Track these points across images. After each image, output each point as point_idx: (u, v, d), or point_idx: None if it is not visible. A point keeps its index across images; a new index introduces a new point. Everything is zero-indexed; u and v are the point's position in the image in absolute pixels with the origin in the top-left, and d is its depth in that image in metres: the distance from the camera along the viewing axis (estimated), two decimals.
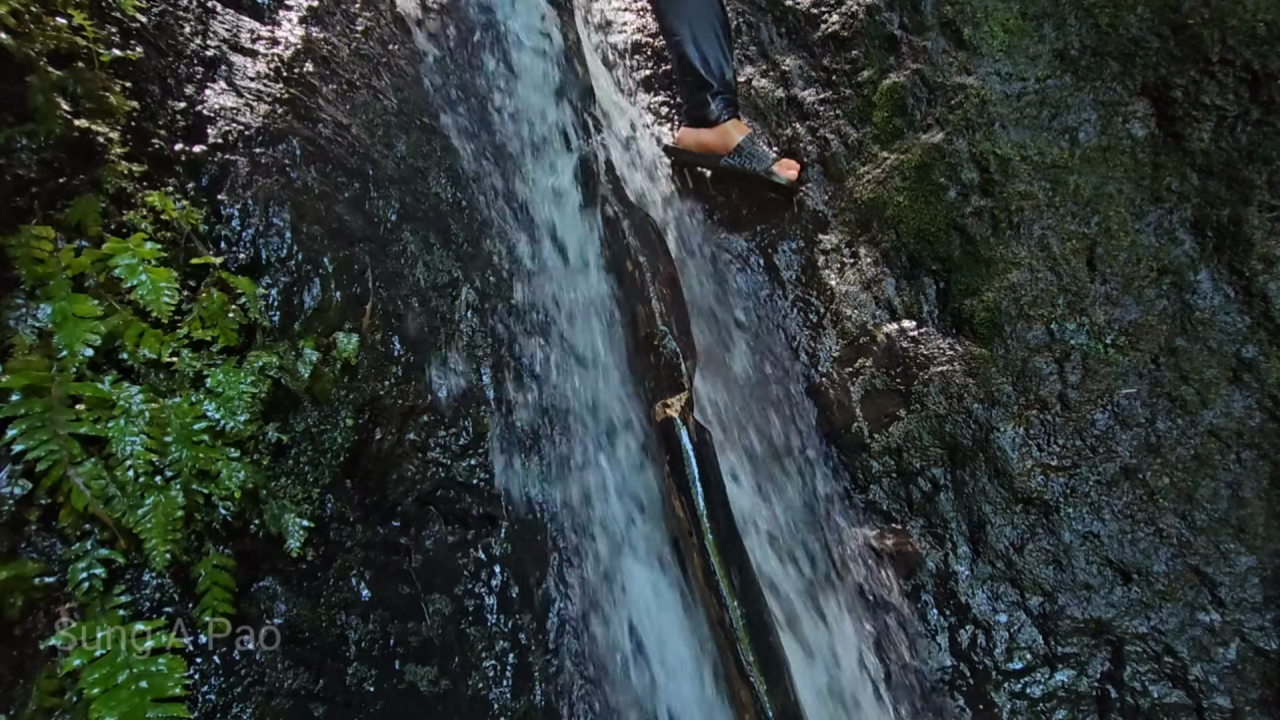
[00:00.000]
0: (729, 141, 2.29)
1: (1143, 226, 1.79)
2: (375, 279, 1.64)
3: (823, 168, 2.29)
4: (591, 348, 1.93)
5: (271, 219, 1.50)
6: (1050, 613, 1.69)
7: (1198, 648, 1.61)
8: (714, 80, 2.32)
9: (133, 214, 1.35)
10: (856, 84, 2.24)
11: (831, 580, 1.82)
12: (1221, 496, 1.64)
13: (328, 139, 1.74)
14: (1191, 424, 1.69)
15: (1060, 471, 1.73)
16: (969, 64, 2.00)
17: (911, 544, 1.84)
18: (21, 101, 1.26)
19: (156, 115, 1.50)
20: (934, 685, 1.72)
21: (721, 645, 1.51)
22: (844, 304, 2.11)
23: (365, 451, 1.52)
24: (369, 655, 1.39)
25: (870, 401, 1.98)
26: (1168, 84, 1.79)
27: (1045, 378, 1.78)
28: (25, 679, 1.12)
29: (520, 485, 1.68)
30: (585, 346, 1.93)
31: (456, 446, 1.64)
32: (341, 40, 2.03)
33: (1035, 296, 1.82)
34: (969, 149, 1.95)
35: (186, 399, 1.27)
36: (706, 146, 2.34)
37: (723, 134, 2.30)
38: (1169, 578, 1.65)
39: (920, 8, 2.13)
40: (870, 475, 1.92)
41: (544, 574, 1.63)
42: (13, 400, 1.13)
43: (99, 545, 1.18)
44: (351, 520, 1.46)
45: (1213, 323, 1.70)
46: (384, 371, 1.59)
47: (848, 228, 2.18)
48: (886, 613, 1.80)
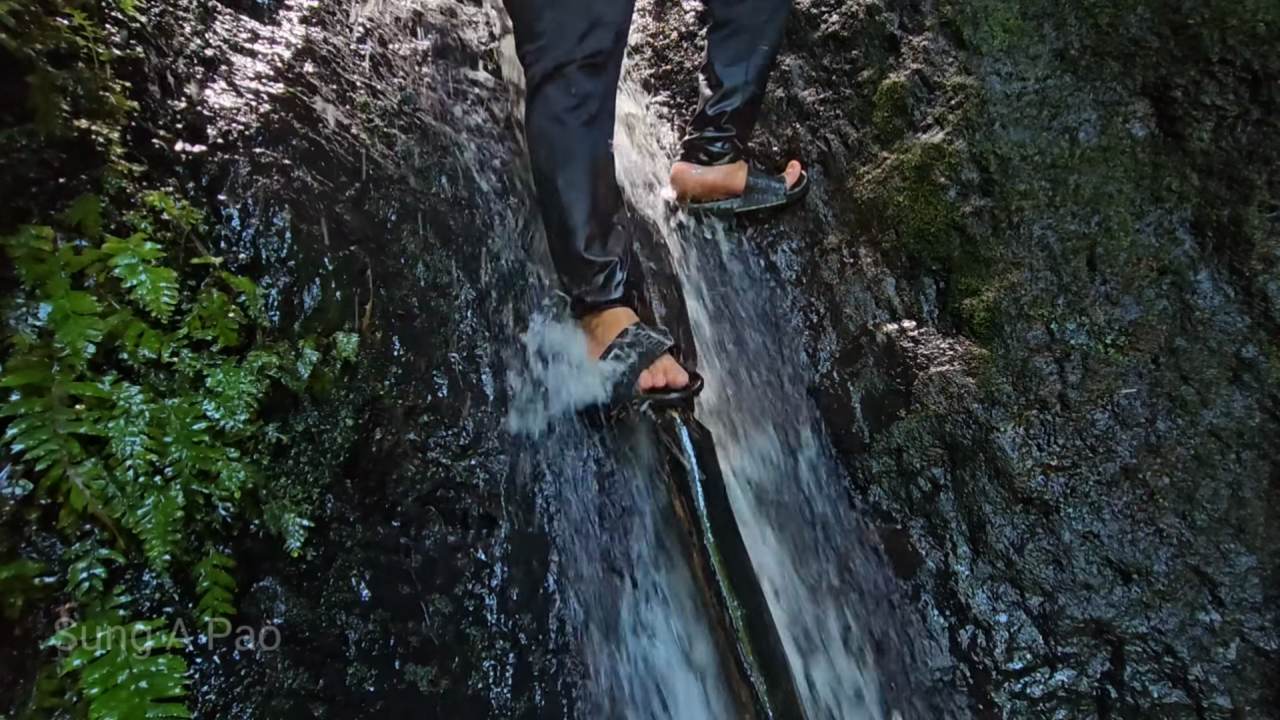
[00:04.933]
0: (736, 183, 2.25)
1: (1143, 226, 1.79)
2: (375, 279, 1.64)
3: (823, 168, 2.29)
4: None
5: (271, 219, 1.50)
6: (1050, 613, 1.69)
7: (1198, 648, 1.61)
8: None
9: (133, 214, 1.35)
10: (856, 84, 2.24)
11: (831, 580, 1.82)
12: (1221, 496, 1.64)
13: (328, 139, 1.74)
14: (1191, 424, 1.69)
15: (1060, 471, 1.73)
16: (969, 64, 2.00)
17: (911, 544, 1.84)
18: (21, 101, 1.26)
19: (156, 115, 1.50)
20: (934, 685, 1.72)
21: (721, 645, 1.51)
22: (844, 304, 2.11)
23: (365, 451, 1.52)
24: (369, 655, 1.39)
25: (870, 401, 1.98)
26: (1168, 84, 1.79)
27: (1045, 378, 1.78)
28: (25, 679, 1.12)
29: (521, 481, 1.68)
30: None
31: (456, 446, 1.64)
32: (342, 40, 2.03)
33: (1035, 296, 1.82)
34: (969, 149, 1.95)
35: (186, 399, 1.27)
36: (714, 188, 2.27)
37: (729, 174, 2.24)
38: (1169, 578, 1.65)
39: (920, 8, 2.13)
40: (870, 475, 1.92)
41: (544, 573, 1.63)
42: (13, 400, 1.13)
43: (99, 545, 1.18)
44: (351, 520, 1.46)
45: (1213, 323, 1.70)
46: (384, 371, 1.59)
47: (848, 228, 2.18)
48: (886, 612, 1.80)
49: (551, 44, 1.68)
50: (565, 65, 1.67)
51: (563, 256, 1.82)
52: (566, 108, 1.71)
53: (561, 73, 1.68)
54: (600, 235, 1.77)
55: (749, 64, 2.13)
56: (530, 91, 1.76)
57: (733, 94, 2.15)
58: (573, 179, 1.74)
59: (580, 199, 1.74)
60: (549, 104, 1.72)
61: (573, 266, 1.79)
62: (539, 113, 1.74)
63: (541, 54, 1.70)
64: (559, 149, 1.74)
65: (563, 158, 1.74)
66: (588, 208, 1.75)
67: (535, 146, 1.78)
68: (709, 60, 2.19)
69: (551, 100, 1.71)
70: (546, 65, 1.69)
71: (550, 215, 1.81)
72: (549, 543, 1.66)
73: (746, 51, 2.12)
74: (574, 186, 1.74)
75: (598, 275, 1.77)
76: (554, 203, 1.77)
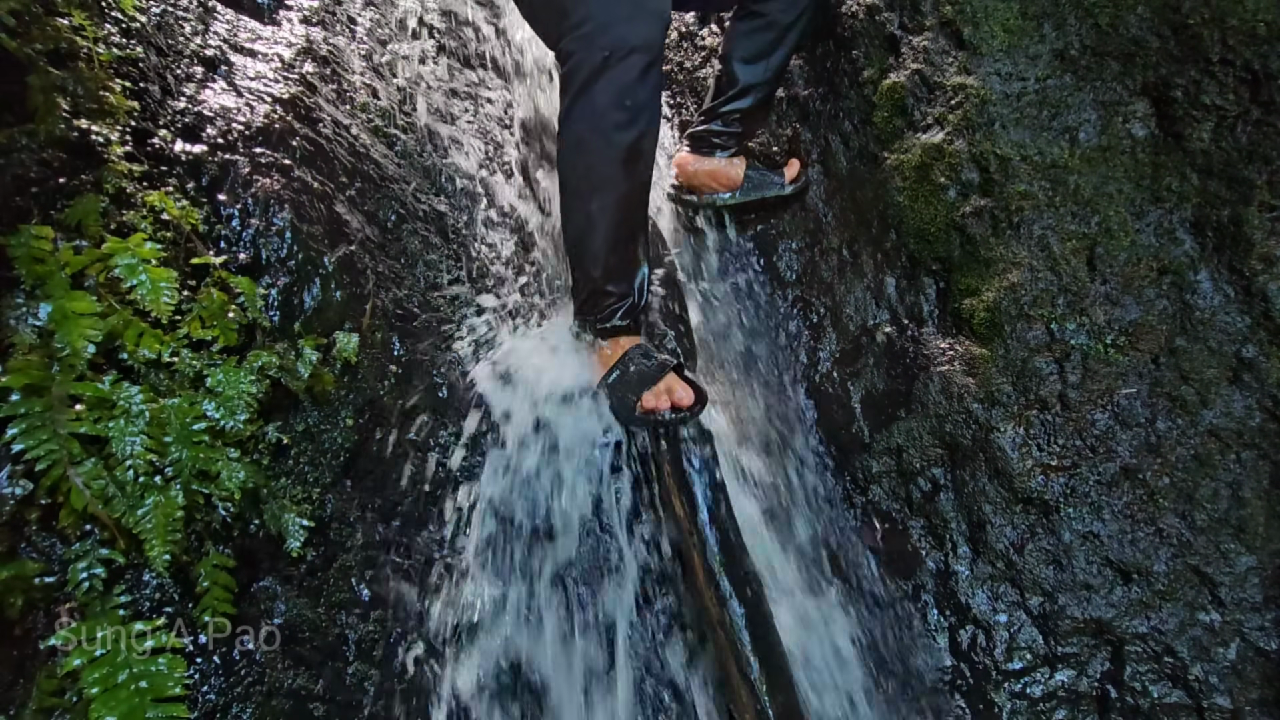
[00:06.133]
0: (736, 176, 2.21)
1: (1143, 226, 1.79)
2: (375, 279, 1.64)
3: (823, 168, 2.29)
4: None
5: (271, 219, 1.50)
6: (1050, 613, 1.69)
7: (1198, 648, 1.61)
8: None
9: (133, 214, 1.35)
10: (856, 84, 2.24)
11: (832, 580, 1.82)
12: (1221, 496, 1.64)
13: (328, 139, 1.74)
14: (1191, 424, 1.69)
15: (1060, 471, 1.73)
16: (969, 64, 2.00)
17: (911, 544, 1.84)
18: (21, 101, 1.26)
19: (156, 115, 1.50)
20: (934, 685, 1.72)
21: (721, 645, 1.51)
22: (844, 304, 2.11)
23: (365, 451, 1.52)
24: (369, 655, 1.39)
25: (870, 401, 1.98)
26: (1168, 84, 1.79)
27: (1045, 378, 1.78)
28: (25, 679, 1.12)
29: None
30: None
31: (457, 446, 1.64)
32: (342, 40, 2.03)
33: (1035, 296, 1.82)
34: (969, 149, 1.95)
35: (186, 399, 1.27)
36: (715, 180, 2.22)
37: (730, 167, 2.20)
38: (1169, 578, 1.65)
39: (920, 8, 2.13)
40: (870, 475, 1.92)
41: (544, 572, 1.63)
42: (13, 400, 1.13)
43: (99, 545, 1.18)
44: (351, 520, 1.46)
45: (1213, 323, 1.70)
46: (384, 371, 1.59)
47: (848, 228, 2.18)
48: (886, 612, 1.80)
49: (599, 29, 1.45)
50: (616, 55, 1.44)
51: (579, 279, 1.71)
52: (617, 123, 1.50)
53: (611, 67, 1.45)
54: (622, 268, 1.67)
55: (769, 62, 2.04)
56: (573, 90, 1.52)
57: (747, 93, 2.07)
58: (606, 205, 1.58)
59: (609, 229, 1.61)
60: (595, 110, 1.50)
61: (588, 293, 1.70)
62: (582, 118, 1.52)
63: (587, 42, 1.46)
64: (598, 170, 1.55)
65: (600, 181, 1.56)
66: (614, 238, 1.62)
67: (571, 156, 1.58)
68: (727, 53, 2.07)
69: (599, 107, 1.49)
70: (593, 57, 1.46)
71: (572, 232, 1.66)
72: (549, 542, 1.66)
73: (770, 48, 2.02)
74: (606, 213, 1.59)
75: (613, 306, 1.69)
76: (579, 223, 1.63)
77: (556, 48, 1.58)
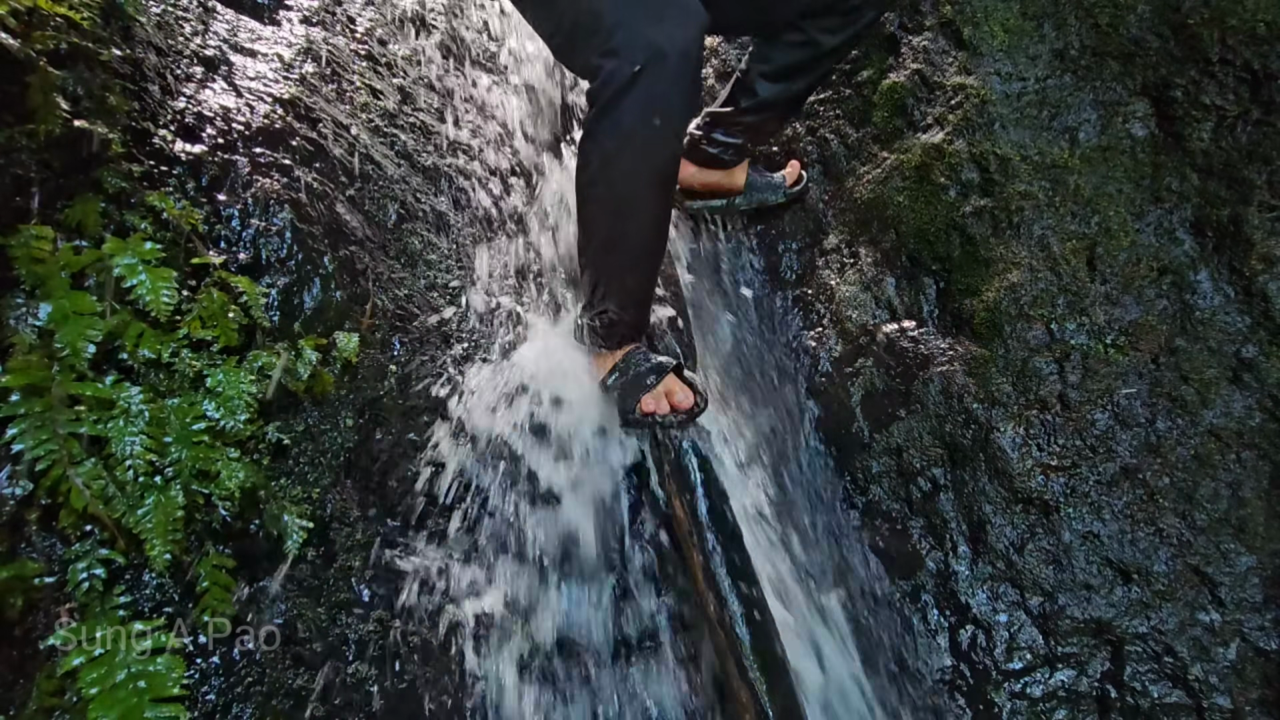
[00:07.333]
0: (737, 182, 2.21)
1: (1143, 226, 1.79)
2: (375, 279, 1.64)
3: (823, 168, 2.29)
4: None
5: (271, 219, 1.50)
6: (1050, 613, 1.69)
7: (1198, 648, 1.61)
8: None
9: (133, 214, 1.35)
10: (856, 84, 2.24)
11: (831, 579, 1.82)
12: (1221, 496, 1.64)
13: (328, 139, 1.74)
14: (1191, 424, 1.69)
15: (1060, 471, 1.73)
16: (969, 64, 2.00)
17: (911, 544, 1.84)
18: (21, 101, 1.26)
19: (156, 115, 1.50)
20: (934, 685, 1.72)
21: (721, 645, 1.51)
22: (844, 304, 2.11)
23: (365, 451, 1.52)
24: (369, 655, 1.39)
25: (870, 401, 1.98)
26: (1168, 84, 1.79)
27: (1045, 378, 1.78)
28: (25, 679, 1.12)
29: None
30: None
31: (457, 447, 1.64)
32: (342, 40, 2.03)
33: (1035, 296, 1.82)
34: (969, 149, 1.95)
35: (186, 399, 1.27)
36: (715, 187, 2.21)
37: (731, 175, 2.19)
38: (1169, 578, 1.65)
39: (920, 8, 2.13)
40: (870, 475, 1.92)
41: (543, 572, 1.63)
42: (13, 400, 1.13)
43: (99, 545, 1.18)
44: (351, 520, 1.46)
45: (1213, 323, 1.70)
46: (384, 371, 1.59)
47: (848, 228, 2.18)
48: (886, 612, 1.80)
49: (630, 37, 1.33)
50: (650, 65, 1.32)
51: (588, 300, 1.67)
52: (646, 140, 1.38)
53: (642, 78, 1.33)
54: (636, 299, 1.64)
55: (791, 85, 1.91)
56: (601, 103, 1.39)
57: (763, 109, 1.97)
58: (628, 232, 1.51)
59: (628, 260, 1.56)
60: (621, 126, 1.39)
61: (597, 314, 1.66)
62: (608, 134, 1.41)
63: (618, 55, 1.34)
64: (624, 195, 1.46)
65: (625, 205, 1.47)
66: (632, 267, 1.57)
67: (595, 173, 1.47)
68: (750, 64, 1.95)
69: (626, 125, 1.38)
70: (624, 70, 1.33)
71: (588, 252, 1.60)
72: (549, 541, 1.66)
73: (798, 70, 1.88)
74: (626, 240, 1.52)
75: (621, 330, 1.68)
76: (597, 246, 1.57)
77: (580, 68, 1.49)
